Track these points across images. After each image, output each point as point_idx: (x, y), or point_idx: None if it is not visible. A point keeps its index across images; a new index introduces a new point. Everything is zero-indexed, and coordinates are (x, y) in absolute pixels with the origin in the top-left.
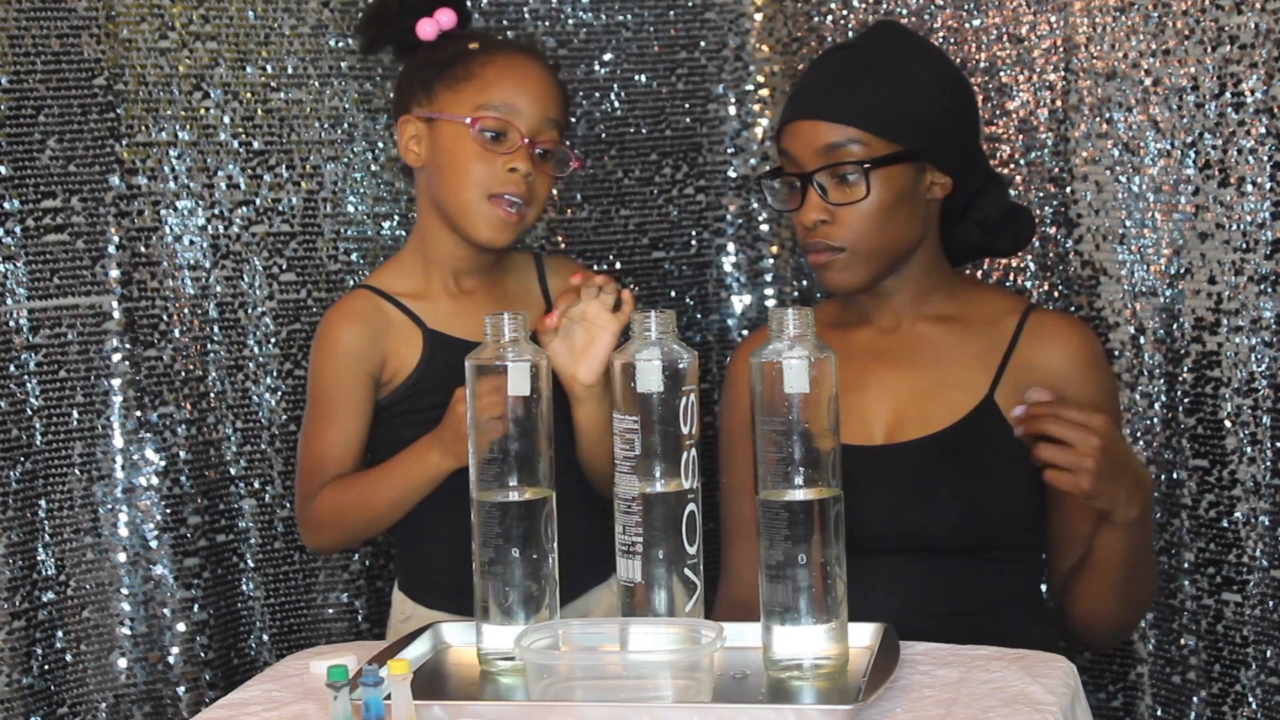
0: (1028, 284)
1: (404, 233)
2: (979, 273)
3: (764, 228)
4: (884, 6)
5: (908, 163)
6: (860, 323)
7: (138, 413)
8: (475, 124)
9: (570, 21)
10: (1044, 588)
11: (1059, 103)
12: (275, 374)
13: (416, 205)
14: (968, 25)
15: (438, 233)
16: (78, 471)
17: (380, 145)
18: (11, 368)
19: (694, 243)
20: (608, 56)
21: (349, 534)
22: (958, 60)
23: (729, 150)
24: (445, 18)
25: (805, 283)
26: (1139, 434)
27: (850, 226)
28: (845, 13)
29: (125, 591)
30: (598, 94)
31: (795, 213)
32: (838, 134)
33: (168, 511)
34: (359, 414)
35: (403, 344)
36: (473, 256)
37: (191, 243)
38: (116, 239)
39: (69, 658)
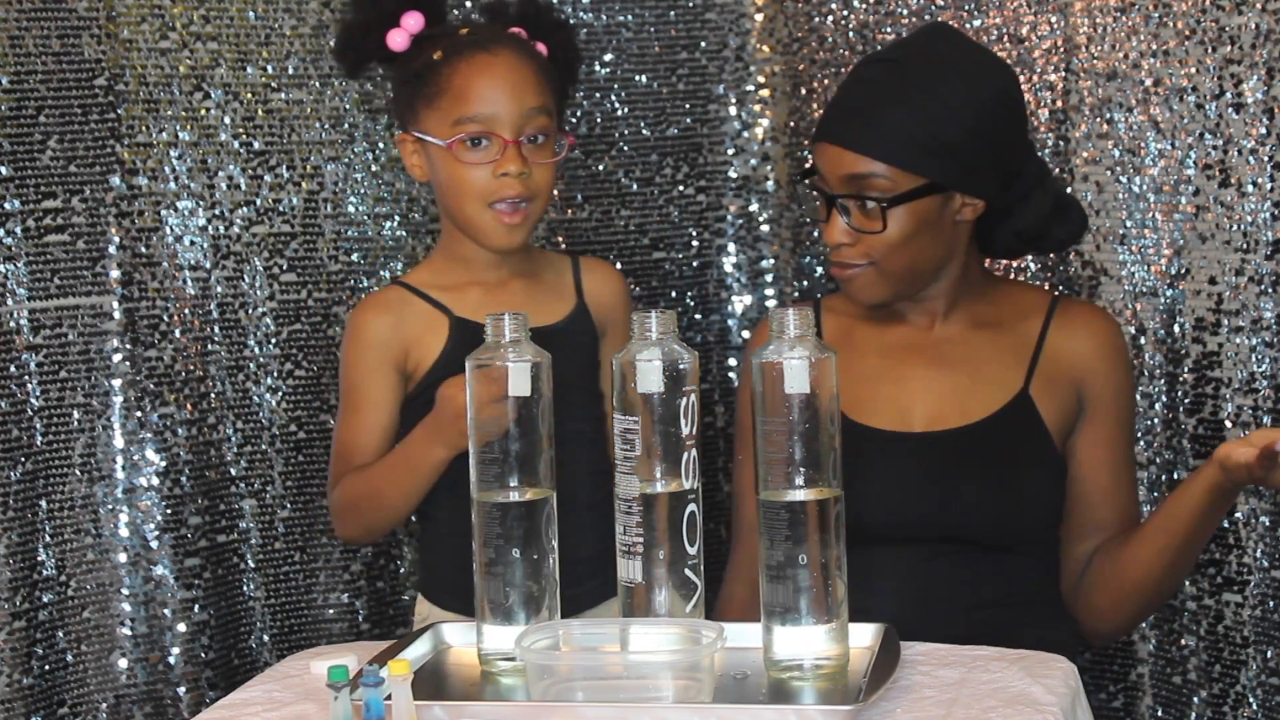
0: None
1: (404, 233)
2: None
3: (764, 228)
4: (885, 7)
5: (933, 194)
6: (894, 319)
7: (138, 413)
8: (452, 147)
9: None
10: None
11: (1059, 103)
12: (275, 374)
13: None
14: (968, 25)
15: (461, 238)
16: (78, 472)
17: (381, 145)
18: (12, 368)
19: (694, 243)
20: (608, 57)
21: (368, 524)
22: None
23: (729, 151)
24: (413, 22)
25: (805, 283)
26: (1140, 434)
27: (872, 249)
28: (845, 13)
29: (126, 592)
30: (598, 94)
31: (823, 224)
32: (862, 165)
33: (168, 512)
34: (383, 404)
35: (426, 332)
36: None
37: (192, 243)
38: (117, 239)
39: (69, 658)
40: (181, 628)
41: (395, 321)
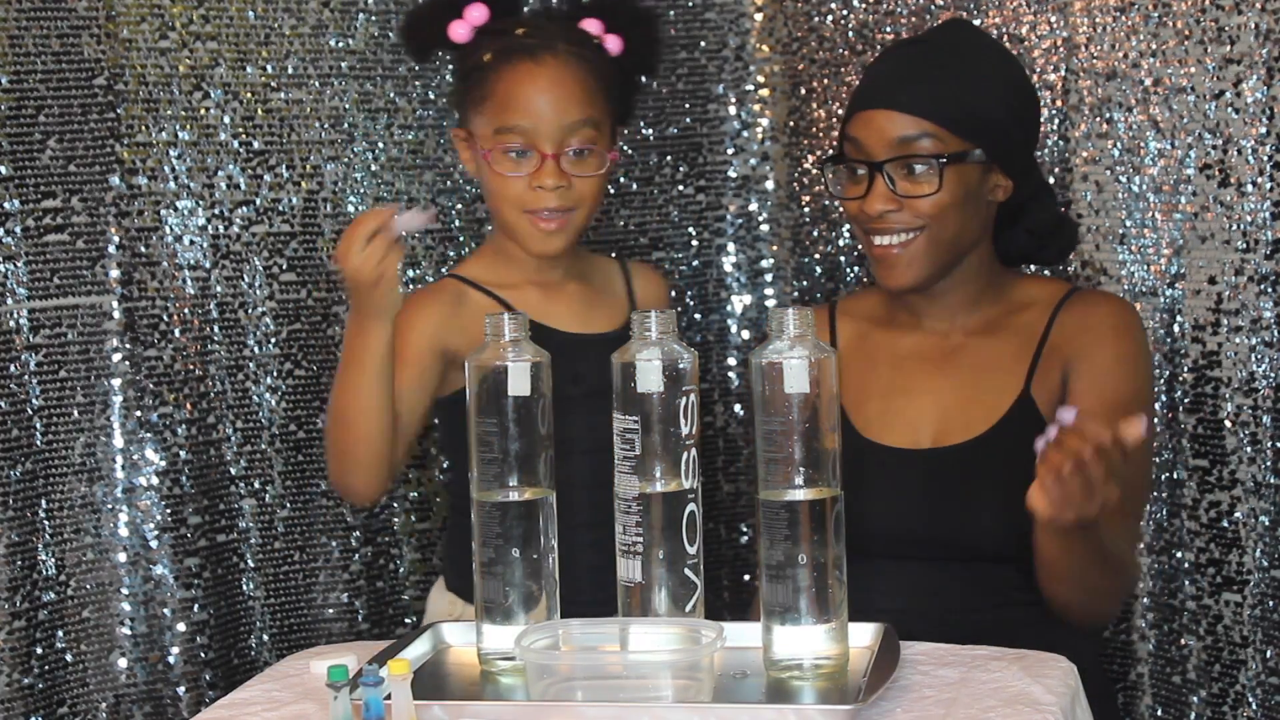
0: None
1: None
2: None
3: (764, 228)
4: (884, 6)
5: (977, 162)
6: (910, 326)
7: (138, 413)
8: (489, 155)
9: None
10: None
11: (1059, 103)
12: (275, 374)
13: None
14: None
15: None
16: (78, 471)
17: (380, 145)
18: (12, 368)
19: (694, 243)
20: None
21: (340, 451)
22: None
23: (729, 150)
24: (476, 14)
25: (805, 283)
26: None
27: (921, 213)
28: (845, 13)
29: (125, 591)
30: None
31: (859, 201)
32: (912, 126)
33: (168, 511)
34: (416, 381)
35: None
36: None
37: (192, 243)
38: (117, 239)
39: (69, 658)
40: (181, 627)
41: (449, 314)
